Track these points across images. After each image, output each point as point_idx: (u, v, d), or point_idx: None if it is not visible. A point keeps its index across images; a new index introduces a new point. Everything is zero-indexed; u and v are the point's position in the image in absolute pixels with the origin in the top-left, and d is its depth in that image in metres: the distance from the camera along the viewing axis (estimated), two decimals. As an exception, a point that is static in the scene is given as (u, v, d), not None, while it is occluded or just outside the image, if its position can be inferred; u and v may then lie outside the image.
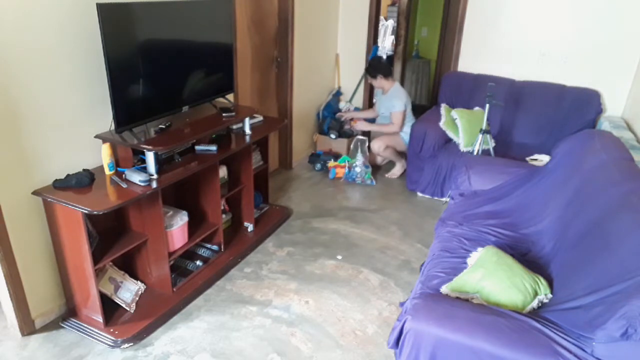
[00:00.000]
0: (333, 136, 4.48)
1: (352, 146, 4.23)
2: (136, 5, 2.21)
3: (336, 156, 4.34)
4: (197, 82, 2.71)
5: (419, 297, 1.86)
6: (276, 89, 4.07)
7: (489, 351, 1.53)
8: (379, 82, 4.17)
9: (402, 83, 6.27)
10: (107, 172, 2.29)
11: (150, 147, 2.24)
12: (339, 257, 3.01)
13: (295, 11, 3.87)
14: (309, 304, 2.56)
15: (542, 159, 3.45)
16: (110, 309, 2.33)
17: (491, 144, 3.51)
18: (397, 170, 4.32)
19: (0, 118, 1.97)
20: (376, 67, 4.16)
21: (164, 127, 2.46)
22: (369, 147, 4.18)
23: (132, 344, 2.22)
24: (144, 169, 2.28)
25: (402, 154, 4.26)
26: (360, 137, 4.18)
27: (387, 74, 4.15)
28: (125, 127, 2.27)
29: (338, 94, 4.91)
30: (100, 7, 2.00)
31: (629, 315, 1.35)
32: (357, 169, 4.12)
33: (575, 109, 3.73)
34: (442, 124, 3.82)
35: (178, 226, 2.52)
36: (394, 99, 4.09)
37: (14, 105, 2.01)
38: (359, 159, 4.12)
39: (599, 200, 1.93)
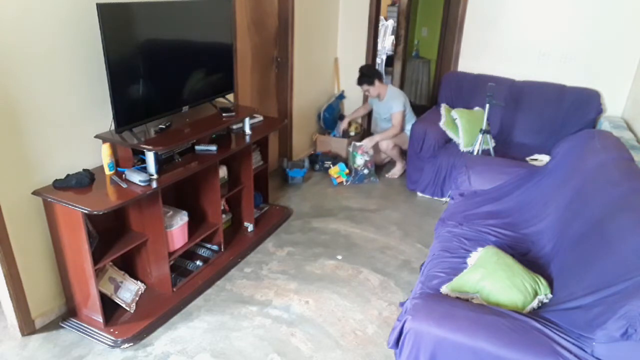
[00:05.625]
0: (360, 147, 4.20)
1: (350, 149, 4.16)
2: (136, 5, 2.21)
3: (334, 160, 4.30)
4: (197, 82, 2.71)
5: (419, 297, 1.86)
6: (276, 89, 4.07)
7: (489, 351, 1.52)
8: (377, 89, 4.11)
9: (402, 83, 6.27)
10: (107, 172, 2.29)
11: (150, 147, 2.23)
12: (339, 257, 3.01)
13: (295, 11, 3.87)
14: (309, 304, 2.56)
15: (542, 159, 3.45)
16: (110, 309, 2.33)
17: (491, 144, 3.51)
18: (397, 170, 4.32)
19: (0, 118, 1.97)
20: (372, 73, 4.11)
21: (164, 127, 2.46)
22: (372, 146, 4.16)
23: (132, 344, 2.22)
24: (144, 169, 2.28)
25: (404, 154, 4.26)
26: (356, 142, 4.15)
27: (381, 78, 4.17)
28: (125, 127, 2.27)
29: (341, 97, 4.91)
30: (100, 7, 2.00)
31: (629, 315, 1.35)
32: (365, 171, 4.11)
33: (575, 109, 3.73)
34: (442, 124, 3.82)
35: (178, 226, 2.52)
36: (391, 101, 4.10)
37: (14, 105, 2.01)
38: (359, 162, 4.09)
39: (599, 200, 1.93)
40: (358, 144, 4.12)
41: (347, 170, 4.14)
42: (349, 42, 4.76)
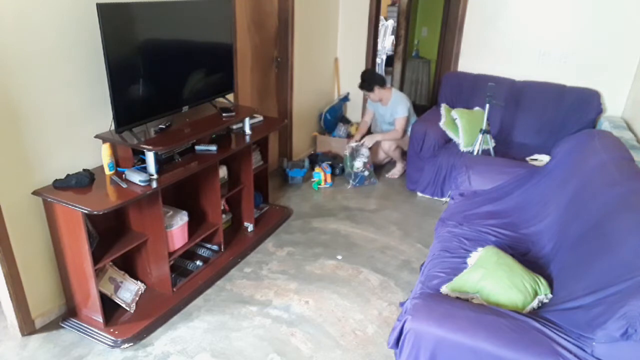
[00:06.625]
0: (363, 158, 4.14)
1: (346, 152, 4.06)
2: (136, 5, 2.21)
3: (334, 160, 4.27)
4: (197, 82, 2.71)
5: (419, 297, 1.86)
6: (276, 89, 4.07)
7: (489, 351, 1.52)
8: (378, 94, 4.05)
9: (402, 83, 6.27)
10: (107, 172, 2.29)
11: (150, 147, 2.23)
12: (339, 257, 3.01)
13: (295, 11, 3.87)
14: (309, 304, 2.55)
15: (542, 159, 3.45)
16: (110, 309, 2.33)
17: (491, 144, 3.51)
18: (397, 170, 4.32)
19: (0, 118, 1.97)
20: (370, 79, 4.04)
21: (164, 127, 2.46)
22: (370, 147, 4.13)
23: (132, 344, 2.22)
24: (144, 169, 2.28)
25: (404, 155, 4.25)
26: (355, 143, 4.08)
27: (383, 83, 4.06)
28: (125, 127, 2.27)
29: (345, 100, 4.89)
30: (100, 7, 2.00)
31: (629, 315, 1.35)
32: (366, 173, 4.09)
33: (575, 109, 3.73)
34: (442, 124, 3.82)
35: (178, 226, 2.52)
36: (396, 106, 4.05)
37: (14, 105, 2.01)
38: (358, 164, 4.07)
39: (598, 200, 1.93)
40: (356, 143, 4.06)
41: (323, 178, 4.03)
42: (349, 42, 4.76)
